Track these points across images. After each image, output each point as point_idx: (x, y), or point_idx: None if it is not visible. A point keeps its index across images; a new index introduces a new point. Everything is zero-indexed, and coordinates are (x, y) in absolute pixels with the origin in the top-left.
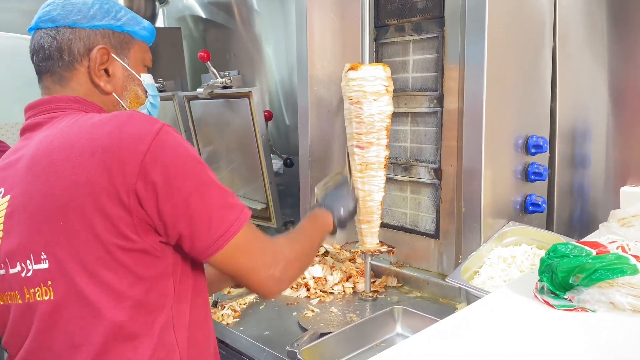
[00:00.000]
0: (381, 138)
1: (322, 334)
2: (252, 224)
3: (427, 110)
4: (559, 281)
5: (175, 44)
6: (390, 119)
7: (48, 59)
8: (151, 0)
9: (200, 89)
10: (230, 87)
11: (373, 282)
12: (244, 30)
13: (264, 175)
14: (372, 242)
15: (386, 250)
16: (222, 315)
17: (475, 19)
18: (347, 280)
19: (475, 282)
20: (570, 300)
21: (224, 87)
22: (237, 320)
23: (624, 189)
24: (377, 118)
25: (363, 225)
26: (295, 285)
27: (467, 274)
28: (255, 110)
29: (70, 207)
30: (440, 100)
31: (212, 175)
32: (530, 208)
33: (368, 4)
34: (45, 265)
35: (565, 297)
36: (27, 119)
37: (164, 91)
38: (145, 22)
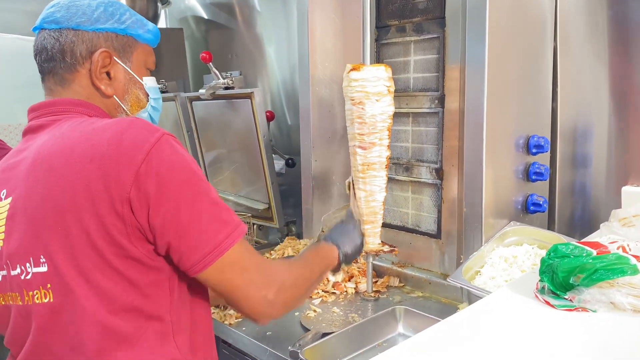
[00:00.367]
0: (383, 138)
1: (324, 334)
2: (246, 241)
3: (428, 110)
4: (559, 281)
5: (177, 45)
6: (392, 119)
7: (50, 60)
8: (153, 1)
9: (203, 90)
10: (232, 87)
11: (375, 282)
12: (246, 31)
13: (266, 175)
14: (374, 242)
15: (388, 250)
16: (224, 315)
17: (476, 19)
18: (349, 280)
19: (477, 282)
20: (570, 300)
21: (226, 88)
22: (240, 320)
23: (625, 189)
24: (379, 118)
25: (365, 226)
26: None
27: (468, 274)
28: (257, 110)
29: (67, 212)
30: (441, 101)
31: (208, 188)
32: (532, 208)
33: (369, 4)
34: (44, 268)
35: (565, 297)
36: (30, 120)
37: (166, 92)
38: (150, 25)
